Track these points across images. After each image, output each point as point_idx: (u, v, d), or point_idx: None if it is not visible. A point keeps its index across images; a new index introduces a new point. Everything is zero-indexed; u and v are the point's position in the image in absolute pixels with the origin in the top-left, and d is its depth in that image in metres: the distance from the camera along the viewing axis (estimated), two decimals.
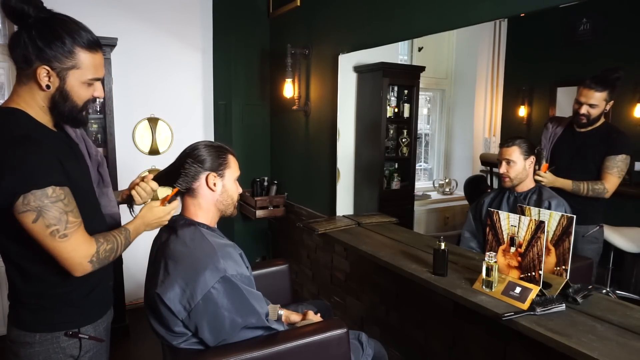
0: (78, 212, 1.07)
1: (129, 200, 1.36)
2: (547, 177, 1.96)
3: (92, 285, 1.20)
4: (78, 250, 1.05)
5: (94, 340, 1.20)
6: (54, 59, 1.03)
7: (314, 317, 1.57)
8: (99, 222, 1.24)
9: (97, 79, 1.12)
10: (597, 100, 1.90)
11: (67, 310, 1.15)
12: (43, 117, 1.10)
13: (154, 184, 1.33)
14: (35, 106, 1.08)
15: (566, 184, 1.95)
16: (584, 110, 1.92)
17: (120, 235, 1.17)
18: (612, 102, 1.94)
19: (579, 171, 1.93)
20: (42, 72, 1.03)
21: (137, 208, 1.36)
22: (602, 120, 2.00)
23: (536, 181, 1.98)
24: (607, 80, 1.90)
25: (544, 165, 1.99)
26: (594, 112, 1.92)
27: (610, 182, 1.89)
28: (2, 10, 1.00)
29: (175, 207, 1.31)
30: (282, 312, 1.58)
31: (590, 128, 2.00)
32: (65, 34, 1.03)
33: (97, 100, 1.20)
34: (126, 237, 1.19)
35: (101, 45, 1.12)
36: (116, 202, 1.38)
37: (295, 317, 1.58)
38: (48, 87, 1.05)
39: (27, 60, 1.02)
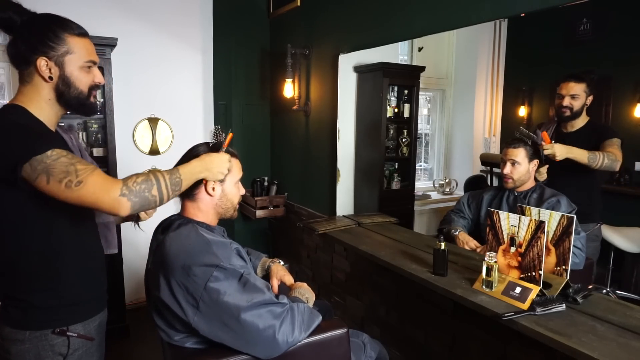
0: (87, 162, 1.06)
1: (136, 216, 1.35)
2: (556, 148, 1.83)
3: (82, 284, 1.21)
4: (101, 189, 1.02)
5: (83, 338, 1.20)
6: (49, 48, 1.10)
7: (303, 286, 1.47)
8: (89, 230, 1.25)
9: (93, 62, 1.18)
10: (577, 91, 1.99)
11: (55, 308, 1.16)
12: (46, 113, 1.15)
13: None
14: (40, 101, 1.14)
15: (582, 154, 1.83)
16: (566, 102, 2.00)
17: (158, 172, 1.11)
18: (592, 96, 2.01)
19: (575, 172, 1.94)
20: (42, 63, 1.10)
21: (142, 224, 1.36)
22: (586, 118, 2.05)
23: (546, 155, 1.84)
24: (584, 76, 2.00)
25: (543, 134, 1.88)
26: (576, 104, 2.00)
27: (618, 154, 1.87)
28: None
29: (230, 159, 1.28)
30: (272, 265, 1.55)
31: (577, 128, 2.05)
32: (53, 25, 1.12)
33: (100, 86, 1.25)
34: (173, 173, 1.13)
35: (87, 32, 1.19)
36: None
37: (288, 278, 1.53)
38: (51, 78, 1.12)
39: (26, 60, 1.10)
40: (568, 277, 1.42)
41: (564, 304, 1.34)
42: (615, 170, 1.88)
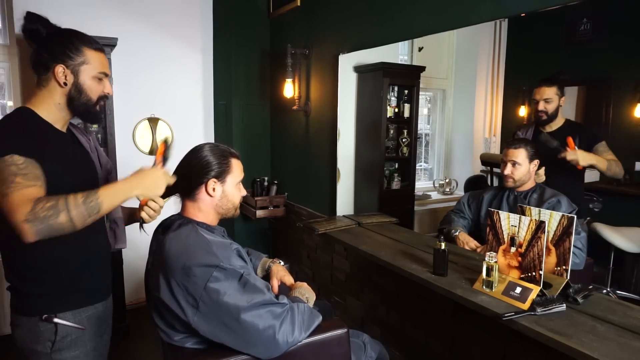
0: (35, 179, 1.08)
1: (141, 221, 1.37)
2: (579, 154, 1.89)
3: (73, 275, 1.25)
4: (13, 209, 1.02)
5: (71, 327, 1.24)
6: (67, 58, 1.22)
7: (303, 285, 1.46)
8: (96, 226, 1.27)
9: (105, 74, 1.29)
10: (549, 95, 2.08)
11: (42, 296, 1.22)
12: (54, 115, 1.25)
13: (161, 201, 1.33)
14: (51, 104, 1.24)
15: (601, 161, 1.92)
16: (541, 106, 2.10)
17: (72, 197, 1.07)
18: (564, 97, 2.11)
19: (560, 170, 1.96)
20: (59, 70, 1.21)
21: (146, 226, 1.37)
22: (563, 119, 2.14)
23: (569, 160, 1.88)
24: (555, 79, 2.09)
25: (569, 139, 1.92)
26: (550, 107, 2.10)
27: (619, 162, 1.96)
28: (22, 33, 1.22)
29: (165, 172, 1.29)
30: (272, 266, 1.55)
31: (555, 128, 2.13)
32: (73, 38, 1.25)
33: (108, 97, 1.36)
34: (88, 197, 1.09)
35: (103, 48, 1.32)
36: (120, 209, 1.46)
37: (289, 278, 1.52)
38: (65, 84, 1.23)
39: (45, 66, 1.22)
40: (568, 277, 1.42)
41: (564, 304, 1.34)
42: (619, 177, 1.97)
